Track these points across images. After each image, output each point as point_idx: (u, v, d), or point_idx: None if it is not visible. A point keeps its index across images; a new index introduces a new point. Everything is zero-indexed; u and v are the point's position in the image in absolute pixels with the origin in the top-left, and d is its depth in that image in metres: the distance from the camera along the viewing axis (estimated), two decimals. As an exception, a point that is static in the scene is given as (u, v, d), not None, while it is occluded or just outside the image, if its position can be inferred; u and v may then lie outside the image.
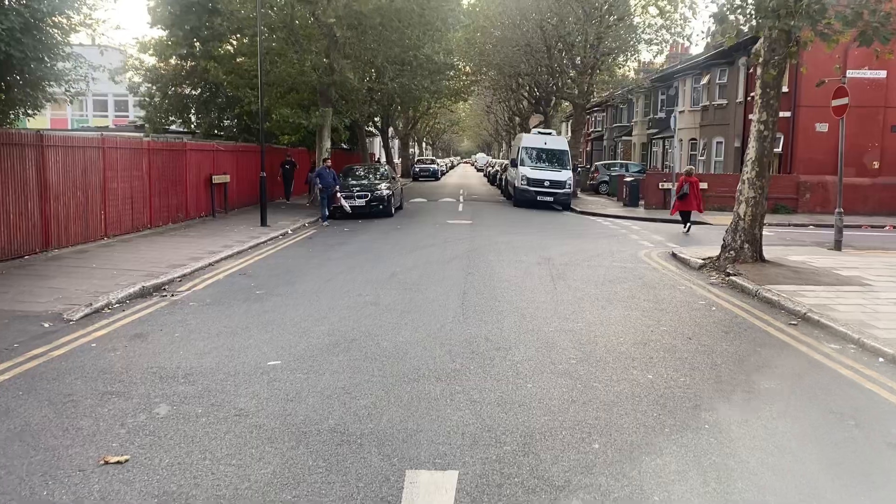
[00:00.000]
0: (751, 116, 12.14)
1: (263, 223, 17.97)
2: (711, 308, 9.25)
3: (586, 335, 7.47)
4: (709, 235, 18.53)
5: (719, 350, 7.11)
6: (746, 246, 12.04)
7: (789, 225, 22.25)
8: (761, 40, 11.82)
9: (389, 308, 8.64)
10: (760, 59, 11.73)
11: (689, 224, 18.93)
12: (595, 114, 56.81)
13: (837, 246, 14.66)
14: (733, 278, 10.95)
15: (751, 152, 12.10)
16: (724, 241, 12.47)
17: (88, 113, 49.11)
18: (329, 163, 20.77)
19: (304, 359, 6.44)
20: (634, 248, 15.34)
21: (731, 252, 12.15)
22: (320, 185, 19.81)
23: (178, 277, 10.84)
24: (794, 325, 8.30)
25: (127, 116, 46.29)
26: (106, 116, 48.84)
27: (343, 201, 19.99)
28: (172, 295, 9.69)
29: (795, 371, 6.50)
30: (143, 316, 8.37)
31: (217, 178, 20.24)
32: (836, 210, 14.88)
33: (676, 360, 6.68)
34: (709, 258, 12.77)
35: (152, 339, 7.22)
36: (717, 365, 6.57)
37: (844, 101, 14.27)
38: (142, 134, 20.58)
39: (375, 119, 44.11)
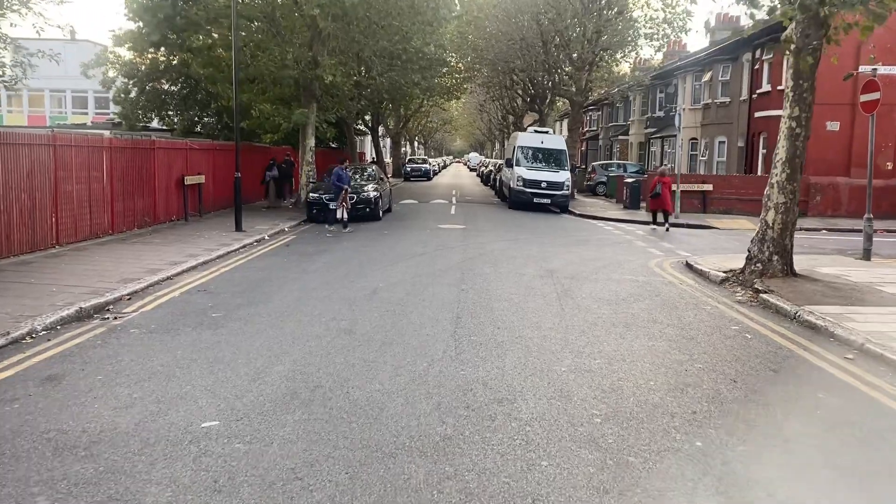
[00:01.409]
0: (781, 112, 10.79)
1: (238, 228, 16.48)
2: (746, 335, 7.86)
3: (608, 377, 6.05)
4: (718, 240, 17.24)
5: (774, 398, 5.72)
6: (776, 258, 10.65)
7: (800, 229, 20.62)
8: (792, 25, 10.45)
9: (367, 338, 7.19)
10: (793, 47, 10.36)
11: (666, 224, 19.19)
12: (590, 113, 55.48)
13: (867, 255, 13.35)
14: (765, 296, 9.57)
15: (780, 152, 10.73)
16: (749, 251, 11.09)
17: (67, 109, 47.41)
18: (346, 164, 19.35)
19: (249, 417, 4.99)
20: (644, 256, 13.95)
21: (758, 265, 10.77)
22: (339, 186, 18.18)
23: (128, 295, 9.37)
24: (850, 359, 6.92)
25: (108, 113, 44.60)
26: (86, 113, 47.11)
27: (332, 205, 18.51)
28: (115, 318, 8.24)
29: (879, 431, 5.10)
30: (69, 348, 6.90)
31: (190, 179, 18.72)
32: (865, 216, 13.61)
33: (726, 414, 5.28)
34: (730, 270, 11.40)
35: (67, 384, 5.76)
36: (779, 422, 5.18)
37: (875, 95, 12.94)
38: (105, 132, 19.00)
39: (366, 117, 42.64)
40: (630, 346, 7.11)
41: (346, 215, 18.00)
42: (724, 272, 11.35)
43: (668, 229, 18.82)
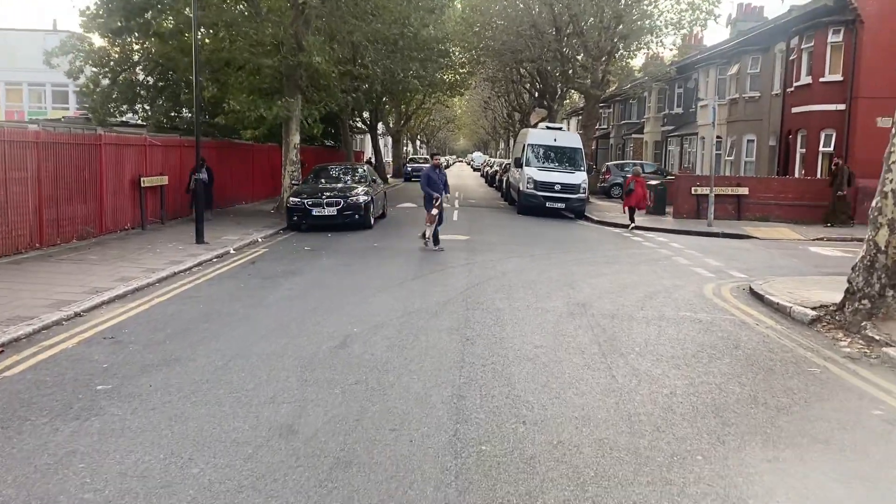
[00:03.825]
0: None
1: (199, 240, 13.71)
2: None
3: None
4: (770, 256, 14.40)
5: None
6: (890, 293, 7.88)
7: (852, 240, 17.93)
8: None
9: (312, 450, 4.42)
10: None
11: (632, 222, 19.34)
12: (601, 110, 52.57)
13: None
14: (890, 351, 6.82)
15: (897, 150, 7.98)
16: (850, 282, 8.31)
17: (47, 104, 44.75)
18: (439, 160, 15.10)
19: None
20: (693, 280, 11.18)
21: (865, 301, 8.00)
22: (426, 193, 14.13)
23: (0, 346, 6.68)
24: None
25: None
26: (67, 108, 44.44)
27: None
28: (-43, 389, 5.54)
29: None
30: None
31: (149, 181, 16.01)
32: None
33: None
34: (820, 306, 8.64)
35: None
36: None
37: None
38: (33, 125, 16.27)
39: (364, 114, 39.86)
40: (747, 470, 4.32)
41: (430, 234, 14.05)
42: (813, 308, 8.59)
43: (632, 227, 19.04)
